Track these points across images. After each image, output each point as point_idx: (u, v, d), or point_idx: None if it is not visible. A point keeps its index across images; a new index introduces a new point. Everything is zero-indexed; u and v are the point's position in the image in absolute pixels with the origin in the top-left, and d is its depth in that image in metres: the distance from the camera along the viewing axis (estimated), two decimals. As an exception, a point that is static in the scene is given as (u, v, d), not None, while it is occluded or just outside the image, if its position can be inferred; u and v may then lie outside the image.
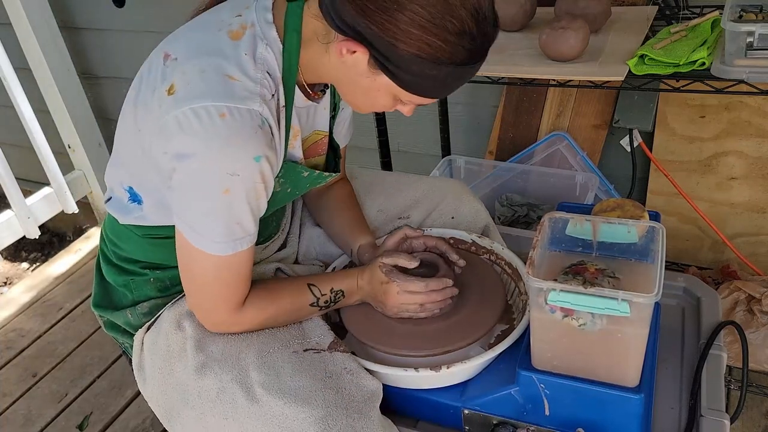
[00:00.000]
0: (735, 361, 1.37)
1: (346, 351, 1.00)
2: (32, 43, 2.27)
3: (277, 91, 0.89)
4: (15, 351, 2.07)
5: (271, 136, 0.87)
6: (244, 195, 0.86)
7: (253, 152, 0.84)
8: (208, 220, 0.88)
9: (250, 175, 0.85)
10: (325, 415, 0.89)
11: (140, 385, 1.05)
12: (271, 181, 0.90)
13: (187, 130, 0.82)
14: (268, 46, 0.88)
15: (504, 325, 1.10)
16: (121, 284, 1.08)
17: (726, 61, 1.10)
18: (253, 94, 0.84)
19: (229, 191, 0.85)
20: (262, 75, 0.86)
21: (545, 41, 1.26)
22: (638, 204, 1.01)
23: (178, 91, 0.84)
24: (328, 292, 1.03)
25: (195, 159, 0.83)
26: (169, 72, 0.86)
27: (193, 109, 0.82)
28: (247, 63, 0.86)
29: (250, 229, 0.91)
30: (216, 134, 0.82)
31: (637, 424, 0.90)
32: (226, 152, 0.82)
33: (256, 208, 0.90)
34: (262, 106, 0.85)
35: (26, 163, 2.49)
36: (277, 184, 0.98)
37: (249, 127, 0.83)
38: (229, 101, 0.82)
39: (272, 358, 0.95)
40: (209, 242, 0.89)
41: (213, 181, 0.84)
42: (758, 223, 1.67)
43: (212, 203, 0.86)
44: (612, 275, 0.90)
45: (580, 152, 1.76)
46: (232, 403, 0.92)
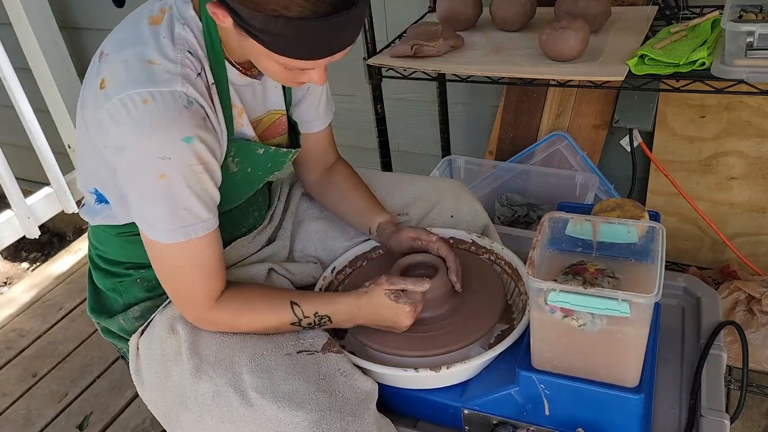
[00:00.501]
0: (735, 361, 1.37)
1: (340, 352, 1.00)
2: (32, 43, 2.27)
3: (203, 69, 0.89)
4: (15, 351, 2.07)
5: (204, 115, 0.87)
6: (181, 178, 0.85)
7: (181, 133, 0.83)
8: (152, 208, 0.88)
9: (182, 157, 0.84)
10: (319, 419, 0.88)
11: (139, 389, 1.05)
12: (213, 162, 0.89)
13: (118, 121, 0.83)
14: (186, 26, 0.88)
15: (504, 325, 1.10)
16: (110, 288, 1.08)
17: (726, 61, 1.10)
18: (174, 75, 0.84)
19: (165, 176, 0.84)
20: (182, 55, 0.86)
21: (545, 41, 1.26)
22: (638, 204, 1.01)
23: (107, 85, 0.85)
24: (311, 315, 0.99)
25: (128, 149, 0.84)
26: (101, 68, 0.88)
27: (120, 99, 0.83)
28: (166, 45, 0.86)
29: (202, 214, 0.89)
30: (141, 121, 0.82)
31: (637, 424, 0.90)
32: (153, 137, 0.83)
33: (202, 191, 0.88)
34: (185, 86, 0.84)
35: (26, 163, 2.49)
36: (232, 164, 0.98)
37: (173, 109, 0.83)
38: (150, 86, 0.82)
39: (265, 360, 0.95)
40: (160, 231, 0.89)
41: (147, 168, 0.84)
42: (758, 223, 1.67)
43: (152, 191, 0.86)
44: (612, 275, 0.90)
45: (580, 152, 1.76)
46: (228, 407, 0.92)
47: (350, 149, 2.21)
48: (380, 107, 1.57)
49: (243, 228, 1.14)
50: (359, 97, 2.08)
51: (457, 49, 1.41)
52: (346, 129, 2.18)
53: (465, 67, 1.33)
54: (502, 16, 1.46)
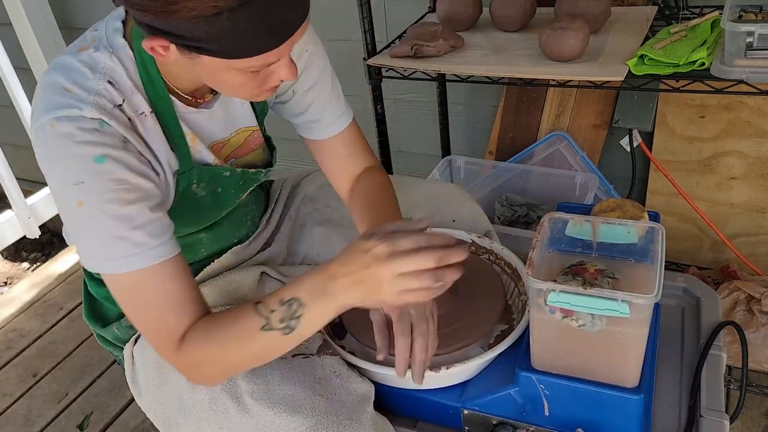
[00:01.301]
0: (735, 361, 1.37)
1: (334, 354, 0.99)
2: (32, 43, 2.27)
3: (127, 100, 0.83)
4: (15, 351, 2.07)
5: (123, 138, 0.81)
6: (101, 204, 0.78)
7: (91, 153, 0.77)
8: (83, 238, 0.82)
9: (97, 179, 0.78)
10: (316, 423, 0.88)
11: (136, 397, 1.05)
12: (140, 182, 0.81)
13: (35, 150, 0.80)
14: (113, 54, 0.84)
15: (504, 325, 1.10)
16: (104, 296, 1.08)
17: (726, 61, 1.10)
18: (83, 102, 0.79)
19: (83, 203, 0.78)
20: (100, 85, 0.81)
21: (545, 41, 1.26)
22: (638, 204, 1.01)
23: (32, 112, 0.82)
24: (277, 306, 0.81)
25: (48, 179, 0.81)
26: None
27: (35, 130, 0.80)
28: (84, 74, 0.81)
29: (143, 241, 0.79)
30: (50, 148, 0.78)
31: (637, 425, 0.90)
32: (62, 163, 0.78)
33: (131, 216, 0.79)
34: (92, 112, 0.78)
35: (26, 163, 2.48)
36: (198, 189, 0.95)
37: (81, 131, 0.77)
38: (56, 112, 0.78)
39: (260, 366, 0.94)
40: (100, 261, 0.81)
41: (66, 197, 0.79)
42: (758, 223, 1.67)
43: (76, 221, 0.80)
44: (611, 276, 0.90)
45: (579, 152, 1.76)
46: (225, 414, 0.92)
47: (350, 149, 2.21)
48: (380, 107, 1.57)
49: (234, 239, 1.12)
50: (359, 97, 2.07)
51: (457, 49, 1.41)
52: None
53: (465, 67, 1.33)
54: (502, 16, 1.46)
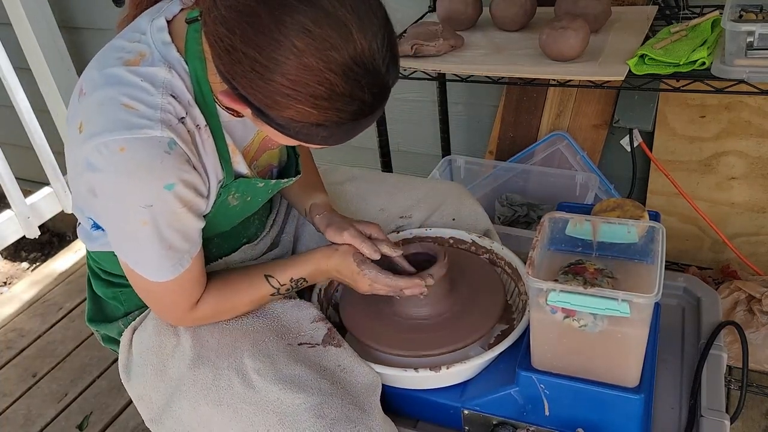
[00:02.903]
0: (735, 361, 1.37)
1: (339, 345, 1.00)
2: (32, 43, 2.27)
3: (189, 113, 0.84)
4: (15, 351, 2.07)
5: (187, 157, 0.82)
6: (164, 223, 0.83)
7: (162, 181, 0.80)
8: (139, 252, 0.87)
9: (164, 204, 0.82)
10: (321, 402, 0.89)
11: (126, 384, 1.04)
12: (197, 201, 0.86)
13: (93, 168, 0.79)
14: (172, 69, 0.83)
15: (504, 325, 1.10)
16: (111, 297, 1.08)
17: (726, 61, 1.10)
18: (152, 121, 0.79)
19: (147, 223, 0.82)
20: (163, 99, 0.81)
21: (545, 41, 1.26)
22: (638, 204, 1.01)
23: (84, 129, 0.80)
24: (287, 282, 1.01)
25: (106, 197, 0.82)
26: (79, 108, 0.83)
27: (95, 147, 0.78)
28: (146, 90, 0.80)
29: (185, 247, 0.89)
30: (118, 170, 0.78)
31: (637, 425, 0.90)
32: (132, 187, 0.79)
33: (189, 230, 0.88)
34: (163, 131, 0.79)
35: (26, 163, 2.49)
36: (232, 200, 0.96)
37: (153, 157, 0.78)
38: (126, 133, 0.78)
39: (267, 347, 0.96)
40: (150, 270, 0.89)
41: (129, 216, 0.82)
42: (758, 223, 1.67)
43: (135, 238, 0.84)
44: (610, 275, 0.90)
45: (580, 152, 1.75)
46: (228, 389, 0.92)
47: (350, 149, 2.21)
48: (380, 107, 1.57)
49: (243, 238, 1.12)
50: (359, 97, 2.08)
51: (457, 49, 1.41)
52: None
53: (465, 67, 1.33)
54: (502, 16, 1.46)
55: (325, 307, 1.15)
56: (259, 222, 1.16)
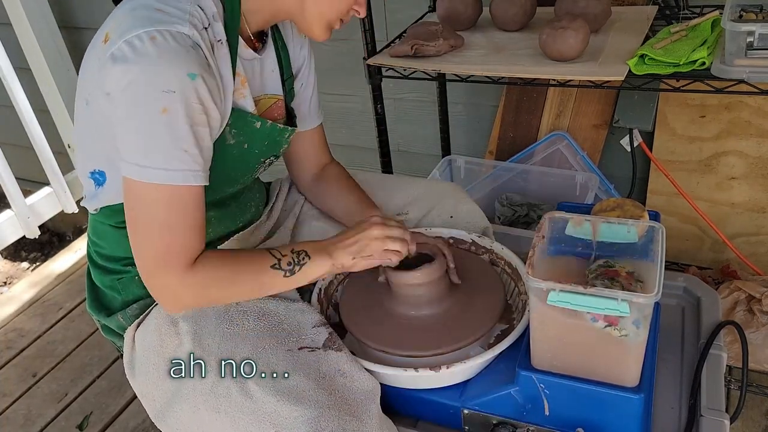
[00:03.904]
0: (735, 361, 1.37)
1: (340, 349, 1.00)
2: (32, 43, 2.27)
3: (211, 25, 0.90)
4: (15, 351, 2.07)
5: (207, 61, 0.88)
6: (183, 115, 0.85)
7: (186, 69, 0.84)
8: (150, 145, 0.86)
9: (185, 92, 0.84)
10: (318, 415, 0.89)
11: (131, 380, 1.05)
12: (213, 108, 0.89)
13: (121, 60, 0.83)
14: None
15: (504, 325, 1.10)
16: (108, 285, 1.08)
17: (726, 61, 1.10)
18: (181, 20, 0.86)
19: (167, 110, 0.84)
20: (191, 7, 0.88)
21: (545, 41, 1.26)
22: (638, 204, 1.01)
23: (111, 34, 0.86)
24: (288, 253, 0.98)
25: (131, 83, 0.84)
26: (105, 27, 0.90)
27: (126, 40, 0.83)
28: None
29: (199, 162, 0.89)
30: (147, 55, 0.83)
31: (637, 424, 0.90)
32: (158, 69, 0.83)
33: (200, 137, 0.88)
34: (191, 30, 0.86)
35: (26, 163, 2.49)
36: (229, 136, 0.98)
37: (180, 46, 0.84)
38: (157, 25, 0.84)
39: (267, 354, 0.95)
40: (158, 171, 0.86)
41: (150, 100, 0.83)
42: (758, 223, 1.67)
43: (154, 126, 0.85)
44: (640, 279, 0.90)
45: (580, 152, 1.75)
46: (226, 397, 0.92)
47: (350, 149, 2.21)
48: (380, 107, 1.57)
49: (240, 222, 1.14)
50: (359, 97, 2.08)
51: (457, 48, 1.41)
52: (346, 129, 2.18)
53: (465, 67, 1.33)
54: (502, 16, 1.46)
55: (325, 307, 1.15)
56: (255, 209, 1.18)
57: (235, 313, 1.01)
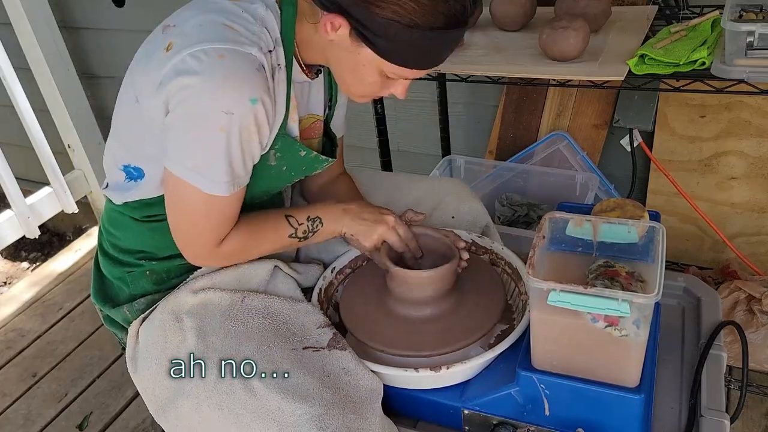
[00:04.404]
0: (735, 361, 1.37)
1: (345, 348, 1.00)
2: (32, 43, 2.27)
3: (275, 49, 0.92)
4: (15, 351, 2.07)
5: (269, 86, 0.89)
6: (238, 136, 0.87)
7: (249, 93, 0.85)
8: (206, 157, 0.89)
9: (244, 116, 0.86)
10: (322, 413, 0.89)
11: (132, 374, 1.05)
12: (265, 130, 0.92)
13: (184, 72, 0.84)
14: (268, 9, 0.92)
15: (504, 325, 1.10)
16: (118, 277, 1.08)
17: (726, 61, 1.10)
18: (251, 41, 0.87)
19: (225, 129, 0.86)
20: (260, 29, 0.89)
21: (545, 41, 1.26)
22: (638, 204, 1.01)
23: (175, 45, 0.86)
24: (305, 221, 1.04)
25: (193, 96, 0.85)
26: (169, 36, 0.89)
27: (192, 54, 0.84)
28: (246, 18, 0.89)
29: (242, 174, 0.93)
30: (213, 72, 0.84)
31: (637, 424, 0.90)
32: (223, 90, 0.84)
33: (248, 153, 0.92)
34: (259, 53, 0.87)
35: (26, 163, 2.49)
36: (273, 158, 0.99)
37: (247, 69, 0.85)
38: (227, 44, 0.85)
39: (271, 352, 0.96)
40: (208, 181, 0.90)
41: (210, 117, 0.85)
42: (758, 223, 1.67)
43: (210, 140, 0.87)
44: (641, 279, 0.90)
45: (580, 152, 1.75)
46: (230, 394, 0.92)
47: (350, 149, 2.20)
48: (380, 107, 1.58)
49: None
50: (359, 96, 2.08)
51: (457, 48, 1.41)
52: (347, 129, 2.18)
53: (465, 67, 1.33)
54: (502, 16, 1.46)
55: (326, 307, 1.15)
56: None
57: (240, 312, 1.01)
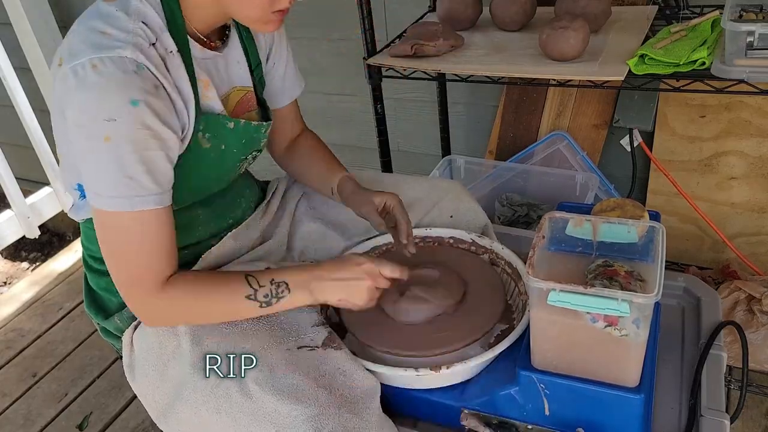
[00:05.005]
0: (735, 361, 1.37)
1: (339, 347, 1.00)
2: (32, 43, 2.27)
3: (159, 39, 0.90)
4: (15, 351, 2.07)
5: (157, 83, 0.87)
6: (127, 143, 0.84)
7: (128, 96, 0.83)
8: (98, 173, 0.87)
9: (128, 120, 0.84)
10: (318, 413, 0.89)
11: (131, 382, 1.05)
12: (164, 131, 0.88)
13: (68, 88, 0.85)
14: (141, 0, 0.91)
15: (504, 325, 1.10)
16: (104, 287, 1.09)
17: (726, 61, 1.10)
18: (124, 43, 0.85)
19: (110, 139, 0.84)
20: (135, 25, 0.87)
21: (545, 41, 1.26)
22: (638, 204, 1.01)
23: (62, 60, 0.87)
24: (267, 284, 0.95)
25: (76, 112, 0.85)
26: (60, 50, 0.90)
27: (72, 68, 0.84)
28: (119, 18, 0.88)
29: (149, 186, 0.88)
30: (88, 84, 0.83)
31: (637, 424, 0.90)
32: (99, 99, 0.83)
33: (149, 161, 0.87)
34: (135, 53, 0.85)
35: (26, 163, 2.49)
36: (204, 140, 0.98)
37: (121, 72, 0.83)
38: (99, 53, 0.84)
39: (266, 354, 0.95)
40: (107, 199, 0.87)
41: (93, 129, 0.84)
42: (758, 223, 1.67)
43: (97, 154, 0.85)
44: (640, 278, 0.90)
45: (580, 152, 1.75)
46: (227, 398, 0.92)
47: (350, 149, 2.21)
48: (380, 107, 1.57)
49: (230, 219, 1.14)
50: (359, 97, 2.08)
51: (457, 48, 1.41)
52: (347, 129, 2.18)
53: (465, 66, 1.33)
54: (502, 16, 1.46)
55: (326, 307, 1.15)
56: (246, 204, 1.18)
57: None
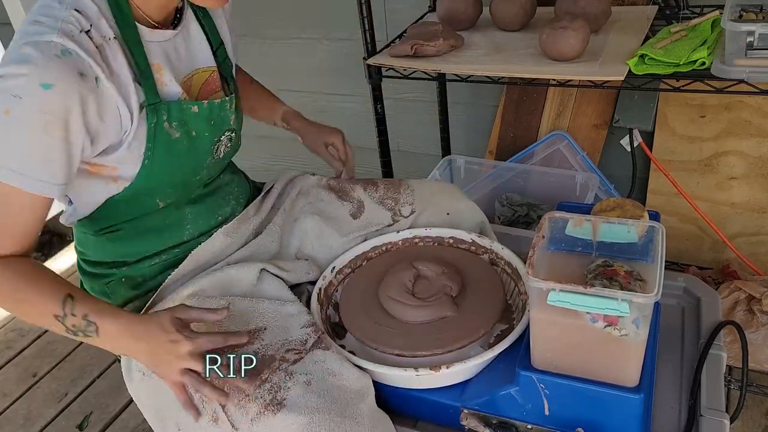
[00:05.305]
0: (735, 361, 1.37)
1: (328, 347, 0.99)
2: (32, 43, 2.27)
3: (94, 26, 0.89)
4: (15, 351, 2.07)
5: (85, 70, 0.86)
6: (23, 122, 0.83)
7: (41, 79, 0.82)
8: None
9: (33, 102, 0.82)
10: (309, 421, 0.88)
11: (129, 387, 1.04)
12: (75, 123, 0.86)
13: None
14: None
15: (504, 324, 1.10)
16: (99, 292, 1.09)
17: (726, 61, 1.10)
18: (51, 29, 0.85)
19: (9, 112, 0.83)
20: (66, 13, 0.87)
21: (545, 41, 1.26)
22: (638, 204, 1.01)
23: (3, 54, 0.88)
24: (79, 316, 0.89)
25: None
26: None
27: (2, 58, 0.86)
28: (52, 6, 0.88)
29: (29, 170, 0.85)
30: (10, 61, 0.84)
31: (637, 424, 0.90)
32: (13, 75, 0.83)
33: (44, 149, 0.85)
34: (62, 38, 0.85)
35: (26, 163, 2.49)
36: (171, 130, 0.97)
37: (43, 55, 0.83)
38: (27, 38, 0.85)
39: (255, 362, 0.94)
40: None
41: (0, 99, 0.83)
42: (758, 223, 1.67)
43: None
44: (640, 278, 0.90)
45: (580, 152, 1.75)
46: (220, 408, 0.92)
47: (350, 149, 2.21)
48: (380, 107, 1.57)
49: (219, 217, 1.14)
50: (359, 97, 2.08)
51: (457, 48, 1.41)
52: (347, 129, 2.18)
53: (465, 67, 1.33)
54: (502, 16, 1.46)
55: (325, 307, 1.15)
56: (235, 201, 1.18)
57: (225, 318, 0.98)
